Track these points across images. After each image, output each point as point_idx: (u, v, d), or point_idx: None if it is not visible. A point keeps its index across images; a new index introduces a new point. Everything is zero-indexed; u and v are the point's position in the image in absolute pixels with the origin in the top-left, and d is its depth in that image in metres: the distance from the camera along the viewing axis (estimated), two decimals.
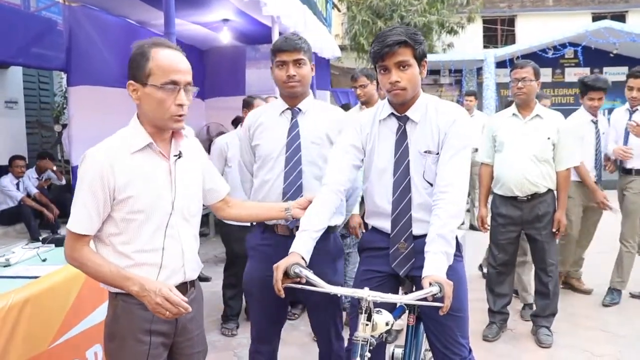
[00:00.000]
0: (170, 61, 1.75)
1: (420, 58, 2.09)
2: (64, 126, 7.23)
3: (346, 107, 8.90)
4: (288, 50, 2.37)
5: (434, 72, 14.20)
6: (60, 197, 6.86)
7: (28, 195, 6.73)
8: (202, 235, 7.23)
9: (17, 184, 6.73)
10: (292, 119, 2.48)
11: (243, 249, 2.73)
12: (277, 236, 2.46)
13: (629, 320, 4.18)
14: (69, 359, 2.26)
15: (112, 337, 1.78)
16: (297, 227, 2.39)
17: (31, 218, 6.41)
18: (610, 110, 11.96)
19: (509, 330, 4.06)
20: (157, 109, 1.74)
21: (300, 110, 2.48)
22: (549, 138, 3.64)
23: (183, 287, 1.86)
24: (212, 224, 7.35)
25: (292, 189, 2.41)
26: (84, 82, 5.65)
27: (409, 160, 2.14)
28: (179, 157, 1.84)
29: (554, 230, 3.73)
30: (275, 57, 2.42)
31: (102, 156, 1.70)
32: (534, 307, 4.04)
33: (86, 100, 5.64)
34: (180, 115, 1.76)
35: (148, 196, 1.74)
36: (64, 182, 7.30)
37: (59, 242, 3.10)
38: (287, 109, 2.49)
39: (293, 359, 3.64)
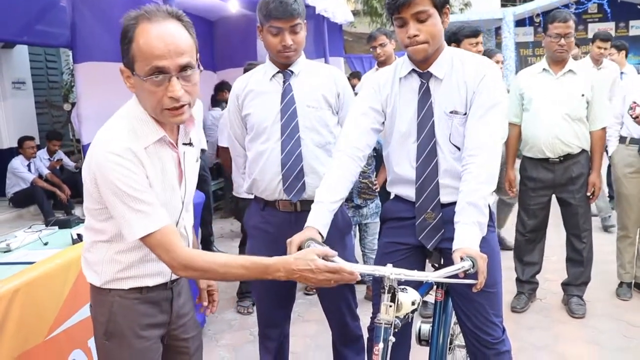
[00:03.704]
0: (151, 43, 1.39)
1: (441, 6, 1.84)
2: (73, 105, 7.12)
3: (356, 74, 8.67)
4: (284, 17, 2.11)
5: None
6: (73, 176, 6.78)
7: (40, 176, 6.64)
8: (218, 209, 7.11)
9: (28, 165, 6.65)
10: (284, 82, 2.26)
11: None
12: (279, 213, 2.29)
13: None
14: (69, 351, 2.12)
15: (110, 336, 1.60)
16: (301, 202, 2.23)
17: (44, 199, 6.34)
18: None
19: (539, 300, 3.87)
20: (148, 102, 1.46)
21: (292, 72, 2.26)
22: (582, 95, 3.36)
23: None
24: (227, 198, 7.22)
25: (291, 158, 2.22)
26: (90, 59, 5.48)
27: (433, 122, 1.92)
28: (188, 146, 1.62)
29: (588, 194, 3.49)
30: (268, 23, 2.15)
31: (126, 151, 1.43)
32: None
33: (93, 76, 5.47)
34: (177, 108, 1.45)
35: (164, 192, 1.54)
36: (75, 167, 7.21)
37: (62, 224, 2.96)
38: (278, 72, 2.27)
39: (312, 336, 3.50)
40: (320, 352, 3.20)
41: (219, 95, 6.25)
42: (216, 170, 6.64)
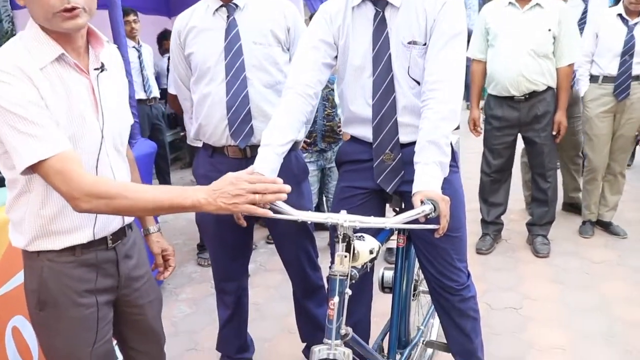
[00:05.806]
0: None
1: None
2: None
3: None
4: None
5: None
6: None
7: None
8: (178, 159, 6.91)
9: None
10: (228, 17, 2.06)
11: None
12: (228, 160, 2.13)
13: (628, 223, 3.98)
14: (8, 317, 1.95)
15: (43, 305, 1.42)
16: (250, 148, 2.07)
17: None
18: None
19: (504, 241, 3.86)
20: (38, 10, 1.30)
21: (237, 6, 2.06)
22: (549, 30, 3.23)
23: (122, 232, 1.52)
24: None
25: (237, 100, 2.04)
26: None
27: (390, 54, 1.75)
28: (101, 71, 1.42)
29: (553, 132, 3.41)
30: None
31: (12, 67, 1.25)
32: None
33: None
34: (69, 10, 1.29)
35: (70, 122, 1.33)
36: None
37: (1, 182, 2.74)
38: (222, 5, 2.06)
39: (275, 286, 3.41)
40: (283, 302, 3.12)
41: (165, 45, 5.92)
42: (173, 119, 6.37)
